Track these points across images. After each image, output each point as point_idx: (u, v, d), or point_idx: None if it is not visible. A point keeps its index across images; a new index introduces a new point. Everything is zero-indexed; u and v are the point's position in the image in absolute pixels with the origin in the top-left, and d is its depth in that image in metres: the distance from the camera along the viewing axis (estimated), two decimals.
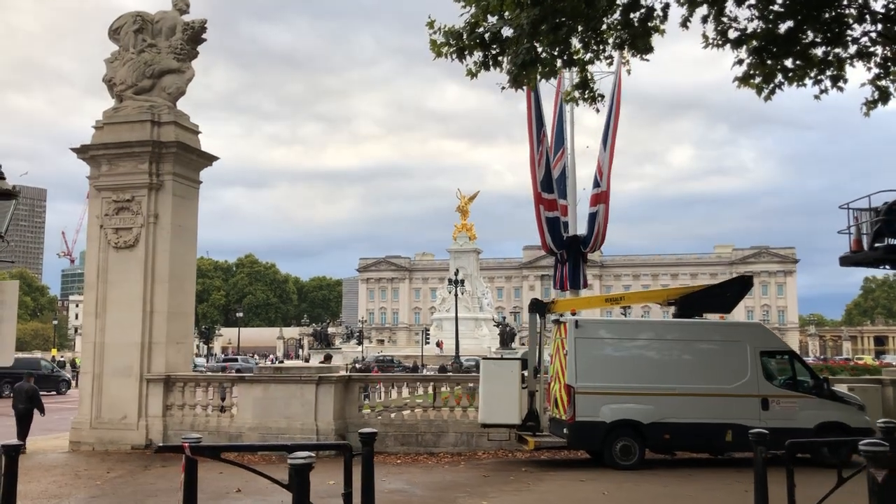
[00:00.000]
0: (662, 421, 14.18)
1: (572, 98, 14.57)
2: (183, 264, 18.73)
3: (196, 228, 19.44)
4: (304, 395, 16.72)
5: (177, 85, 18.87)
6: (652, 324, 15.71)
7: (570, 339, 14.56)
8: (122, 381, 17.79)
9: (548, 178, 21.01)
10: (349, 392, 17.35)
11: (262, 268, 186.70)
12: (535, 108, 21.36)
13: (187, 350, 19.03)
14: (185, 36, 18.92)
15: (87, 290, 18.64)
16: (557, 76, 16.55)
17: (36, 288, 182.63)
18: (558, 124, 22.01)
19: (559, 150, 21.83)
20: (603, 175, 21.41)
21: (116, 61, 19.20)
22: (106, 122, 18.66)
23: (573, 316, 15.16)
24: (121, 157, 18.27)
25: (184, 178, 18.76)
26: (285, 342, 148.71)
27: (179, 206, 18.57)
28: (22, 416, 17.75)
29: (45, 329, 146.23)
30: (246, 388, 17.23)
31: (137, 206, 18.12)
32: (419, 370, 52.04)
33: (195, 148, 18.94)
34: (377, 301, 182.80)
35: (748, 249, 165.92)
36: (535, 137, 21.50)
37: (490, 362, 15.60)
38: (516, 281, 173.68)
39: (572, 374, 14.35)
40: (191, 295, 19.23)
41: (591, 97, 14.37)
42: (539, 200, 21.08)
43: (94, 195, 18.73)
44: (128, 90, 18.78)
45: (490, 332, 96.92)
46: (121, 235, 18.19)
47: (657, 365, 14.55)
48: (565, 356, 14.65)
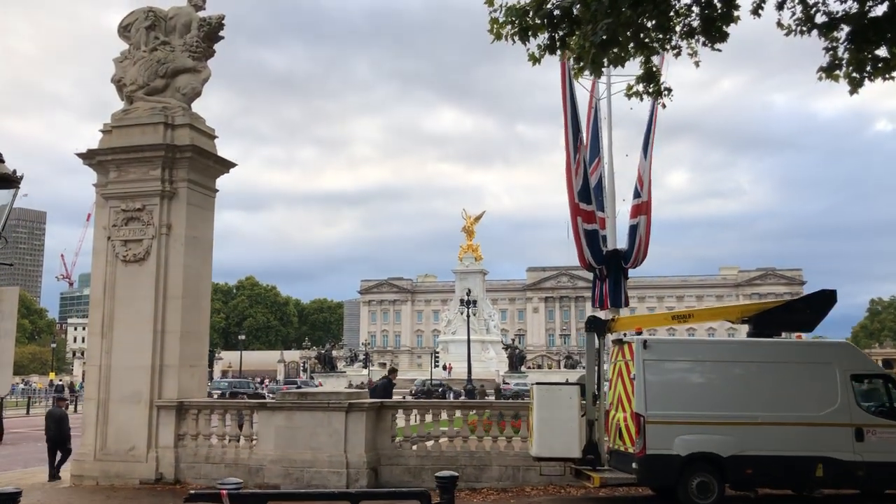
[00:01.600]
0: (744, 454, 12.54)
1: (635, 93, 13.07)
2: (197, 280, 17.13)
3: (212, 241, 17.86)
4: (333, 423, 15.06)
5: (192, 85, 17.38)
6: (730, 344, 14.16)
7: (637, 361, 12.95)
8: (129, 408, 16.15)
9: (585, 187, 19.52)
10: (381, 420, 15.69)
11: (262, 290, 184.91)
12: (570, 114, 19.90)
13: (201, 374, 17.38)
14: (200, 33, 17.46)
15: (92, 308, 17.03)
16: (625, 63, 15.08)
17: (34, 311, 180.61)
18: (593, 131, 20.61)
19: (594, 158, 20.41)
20: (644, 184, 19.89)
21: (126, 60, 17.73)
22: (115, 125, 17.15)
23: (639, 335, 13.54)
24: (131, 163, 16.74)
25: (199, 186, 17.22)
26: (286, 365, 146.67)
27: (194, 216, 17.01)
28: None
29: (43, 352, 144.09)
30: (267, 415, 15.57)
31: (148, 216, 16.56)
32: (448, 395, 49.48)
33: (212, 153, 17.42)
34: (379, 323, 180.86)
35: (754, 271, 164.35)
36: (571, 145, 19.99)
37: (544, 388, 13.97)
38: (520, 303, 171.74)
39: (641, 401, 12.71)
40: (206, 313, 17.61)
41: (657, 91, 12.87)
42: (577, 212, 19.52)
43: (100, 204, 17.18)
44: (139, 91, 17.29)
45: (497, 354, 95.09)
46: (130, 248, 16.61)
47: (737, 390, 12.92)
48: (631, 381, 13.02)
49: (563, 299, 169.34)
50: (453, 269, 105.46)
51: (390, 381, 20.06)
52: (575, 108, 20.08)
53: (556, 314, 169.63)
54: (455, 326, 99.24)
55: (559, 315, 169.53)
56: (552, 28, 10.75)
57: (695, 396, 12.87)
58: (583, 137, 20.08)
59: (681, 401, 12.80)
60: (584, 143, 20.17)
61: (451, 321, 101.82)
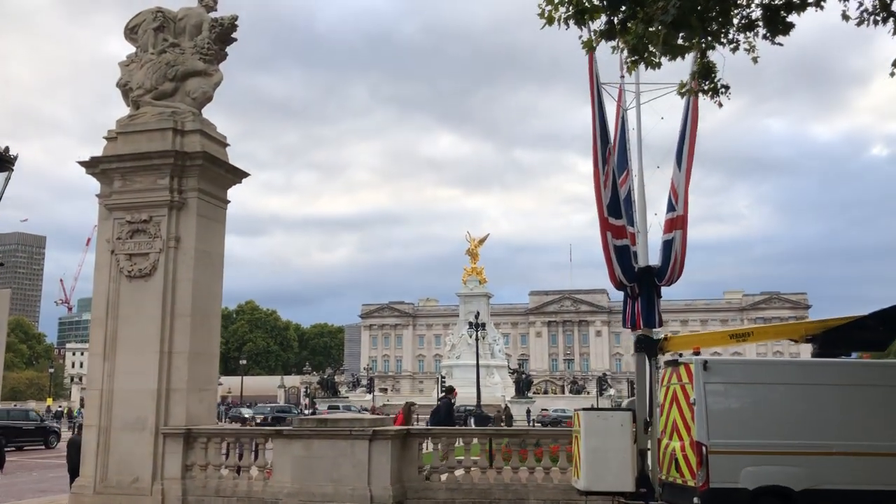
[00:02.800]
0: (819, 488, 11.26)
1: (689, 90, 11.97)
2: (208, 296, 15.91)
3: (223, 255, 16.66)
4: (356, 453, 13.79)
5: (203, 89, 16.28)
6: (801, 365, 12.94)
7: (697, 384, 11.70)
8: (133, 435, 14.87)
9: (615, 201, 18.36)
10: (407, 449, 14.42)
11: (262, 314, 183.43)
12: (599, 122, 18.81)
13: (211, 398, 16.10)
14: (212, 34, 16.40)
15: (93, 327, 15.81)
16: (685, 55, 13.98)
17: (32, 335, 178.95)
18: (620, 141, 19.55)
19: (623, 170, 19.32)
20: (678, 197, 18.67)
21: (133, 63, 16.65)
22: (120, 132, 16.02)
23: (697, 355, 12.30)
24: (137, 171, 15.60)
25: (210, 196, 16.06)
26: (286, 391, 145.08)
27: (205, 229, 15.83)
28: None
29: (40, 378, 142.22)
30: (283, 444, 14.29)
31: (155, 228, 15.38)
32: (469, 421, 47.68)
33: (223, 161, 16.28)
34: (380, 348, 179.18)
35: (759, 295, 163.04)
36: (599, 155, 18.83)
37: (593, 414, 12.71)
38: (522, 327, 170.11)
39: (703, 428, 11.45)
40: (216, 333, 16.37)
41: (714, 88, 11.74)
42: (606, 226, 18.32)
43: (104, 216, 16.02)
44: (146, 95, 16.19)
45: (503, 379, 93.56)
46: (135, 262, 15.42)
47: (809, 416, 11.66)
48: (690, 406, 11.77)
49: (567, 323, 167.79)
50: (457, 293, 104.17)
51: (451, 402, 18.89)
52: (604, 117, 18.98)
53: (559, 338, 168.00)
54: (459, 351, 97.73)
55: (562, 339, 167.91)
56: (612, 10, 9.68)
57: (762, 423, 11.60)
58: (612, 148, 19.00)
59: (747, 428, 11.54)
60: (614, 153, 19.09)
61: (455, 345, 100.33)
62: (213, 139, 16.21)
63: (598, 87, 17.50)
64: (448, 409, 18.37)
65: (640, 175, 21.30)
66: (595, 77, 17.28)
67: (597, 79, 17.20)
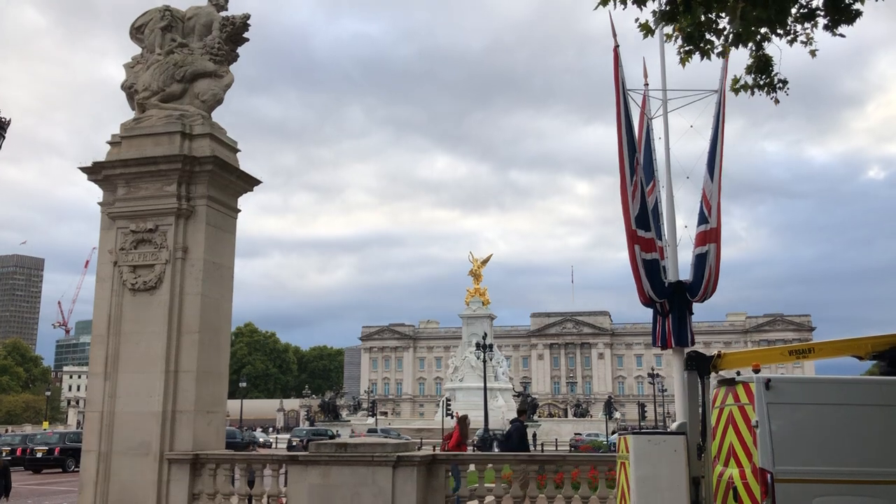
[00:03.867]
0: None
1: (744, 86, 11.04)
2: (217, 312, 14.84)
3: (233, 267, 15.62)
4: (378, 481, 12.65)
5: (212, 91, 15.32)
6: (874, 383, 11.85)
7: (759, 405, 10.60)
8: (136, 461, 13.74)
9: (643, 213, 17.36)
10: (433, 477, 13.28)
11: (261, 337, 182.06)
12: (626, 129, 17.84)
13: (219, 421, 14.96)
14: (223, 34, 15.48)
15: (93, 345, 14.72)
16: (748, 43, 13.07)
17: (29, 358, 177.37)
18: (645, 149, 18.60)
19: (650, 181, 18.36)
20: (711, 209, 17.64)
21: (139, 65, 15.72)
22: (125, 136, 15.04)
23: (757, 373, 11.22)
24: (142, 177, 14.59)
25: (219, 204, 15.05)
26: (286, 414, 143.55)
27: (214, 239, 14.80)
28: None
29: (37, 401, 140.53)
30: (299, 471, 13.15)
31: (161, 238, 14.36)
32: (493, 446, 46.30)
33: (235, 167, 15.28)
34: (380, 371, 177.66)
35: (762, 317, 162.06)
36: (627, 165, 17.83)
37: (644, 438, 11.58)
38: (524, 350, 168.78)
39: (767, 454, 10.34)
40: (225, 351, 15.27)
41: (770, 84, 10.85)
42: (634, 240, 17.28)
43: (106, 226, 14.99)
44: (152, 97, 15.23)
45: (506, 402, 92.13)
46: (139, 275, 14.38)
47: (886, 440, 10.56)
48: (751, 429, 10.67)
49: (569, 346, 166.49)
50: (460, 314, 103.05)
51: (524, 426, 17.59)
52: (630, 124, 18.03)
53: (562, 361, 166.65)
54: (462, 373, 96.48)
55: (564, 362, 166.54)
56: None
57: (834, 448, 10.51)
58: (639, 157, 18.05)
59: (817, 454, 10.44)
60: (640, 162, 18.12)
61: (458, 367, 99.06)
62: (223, 144, 15.23)
63: (625, 92, 16.58)
64: (521, 434, 17.07)
65: (669, 186, 20.27)
66: (621, 82, 16.38)
67: (623, 84, 16.31)
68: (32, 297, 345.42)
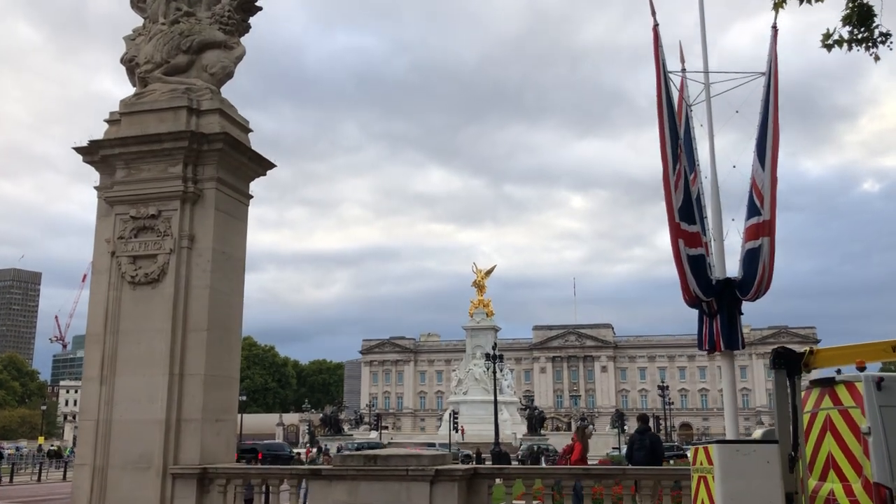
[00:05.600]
0: None
1: (838, 41, 9.54)
2: (227, 307, 13.24)
3: (244, 259, 14.04)
4: (413, 498, 11.04)
5: (222, 63, 13.79)
6: None
7: (870, 409, 9.04)
8: (135, 476, 12.11)
9: (688, 204, 15.79)
10: (474, 494, 11.66)
11: (260, 350, 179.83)
12: (667, 113, 16.29)
13: (229, 431, 13.32)
14: (233, 2, 13.99)
15: (88, 346, 13.11)
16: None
17: (26, 373, 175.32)
18: (685, 137, 17.10)
19: (692, 171, 16.84)
20: (764, 200, 16.03)
21: (140, 37, 14.20)
22: (125, 112, 13.49)
23: (862, 370, 9.67)
24: (144, 157, 13.04)
25: (230, 188, 13.49)
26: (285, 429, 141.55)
27: (224, 226, 13.23)
28: None
29: (33, 416, 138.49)
30: (322, 487, 11.52)
31: (165, 225, 12.78)
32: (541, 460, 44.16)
33: (247, 147, 13.73)
34: (380, 385, 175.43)
35: (766, 329, 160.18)
36: (669, 152, 16.25)
37: (731, 449, 9.98)
38: (526, 363, 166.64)
39: (883, 466, 8.77)
40: (236, 352, 13.64)
41: (869, 37, 9.40)
42: (678, 233, 15.66)
43: (103, 212, 13.43)
44: (155, 70, 13.69)
45: (512, 416, 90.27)
46: (140, 266, 12.79)
47: None
48: (859, 438, 9.10)
49: (571, 359, 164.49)
50: (464, 326, 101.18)
51: (656, 437, 16.01)
52: (672, 108, 16.45)
53: (564, 374, 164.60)
54: (467, 386, 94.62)
55: (567, 375, 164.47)
56: None
57: None
58: (681, 144, 16.50)
59: None
60: (682, 149, 16.56)
61: (462, 380, 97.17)
62: (234, 122, 13.70)
63: (666, 74, 15.07)
64: (656, 444, 15.51)
65: (713, 175, 18.65)
66: (662, 64, 14.86)
67: (663, 65, 14.80)
68: (29, 311, 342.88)
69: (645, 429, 16.62)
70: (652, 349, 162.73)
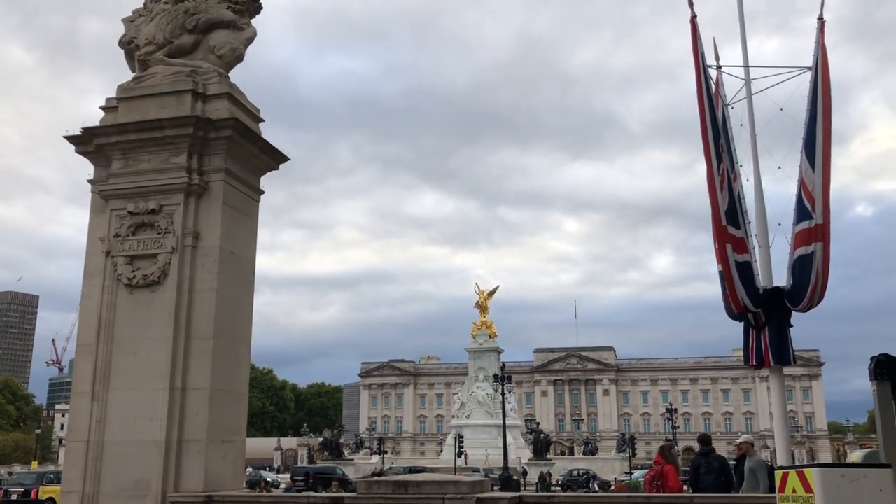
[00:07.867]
0: None
1: None
2: (236, 313, 11.82)
3: (254, 261, 12.65)
4: None
5: (231, 45, 12.49)
6: None
7: None
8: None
9: (733, 207, 14.49)
10: None
11: (258, 373, 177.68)
12: (709, 112, 14.97)
13: (237, 453, 11.82)
14: None
15: (78, 357, 11.66)
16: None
17: (21, 396, 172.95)
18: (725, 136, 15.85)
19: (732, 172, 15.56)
20: (815, 202, 14.65)
21: (140, 17, 12.90)
22: (122, 97, 12.15)
23: None
24: (144, 146, 11.68)
25: (239, 182, 12.14)
26: (283, 453, 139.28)
27: (232, 223, 11.85)
28: None
29: (27, 440, 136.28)
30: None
31: (167, 221, 11.40)
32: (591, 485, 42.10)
33: (258, 136, 12.40)
34: (380, 408, 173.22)
35: None
36: (713, 151, 14.92)
37: (836, 473, 8.57)
38: (528, 386, 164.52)
39: None
40: (245, 364, 12.20)
41: None
42: (724, 238, 14.29)
43: (97, 208, 12.04)
44: (157, 52, 12.37)
45: (516, 440, 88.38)
46: (139, 267, 11.39)
47: None
48: None
49: (573, 382, 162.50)
50: (467, 348, 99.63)
51: (725, 459, 14.62)
52: (712, 104, 15.15)
53: (566, 398, 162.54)
54: (470, 409, 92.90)
55: (569, 399, 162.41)
56: None
57: None
58: (723, 143, 15.19)
59: None
60: (725, 148, 15.23)
61: (464, 403, 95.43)
62: (244, 108, 12.36)
63: (705, 68, 13.84)
64: (725, 467, 14.15)
65: (757, 177, 17.21)
66: (700, 58, 13.65)
67: (703, 59, 13.61)
68: (26, 334, 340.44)
69: (709, 450, 15.15)
70: (654, 372, 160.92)
